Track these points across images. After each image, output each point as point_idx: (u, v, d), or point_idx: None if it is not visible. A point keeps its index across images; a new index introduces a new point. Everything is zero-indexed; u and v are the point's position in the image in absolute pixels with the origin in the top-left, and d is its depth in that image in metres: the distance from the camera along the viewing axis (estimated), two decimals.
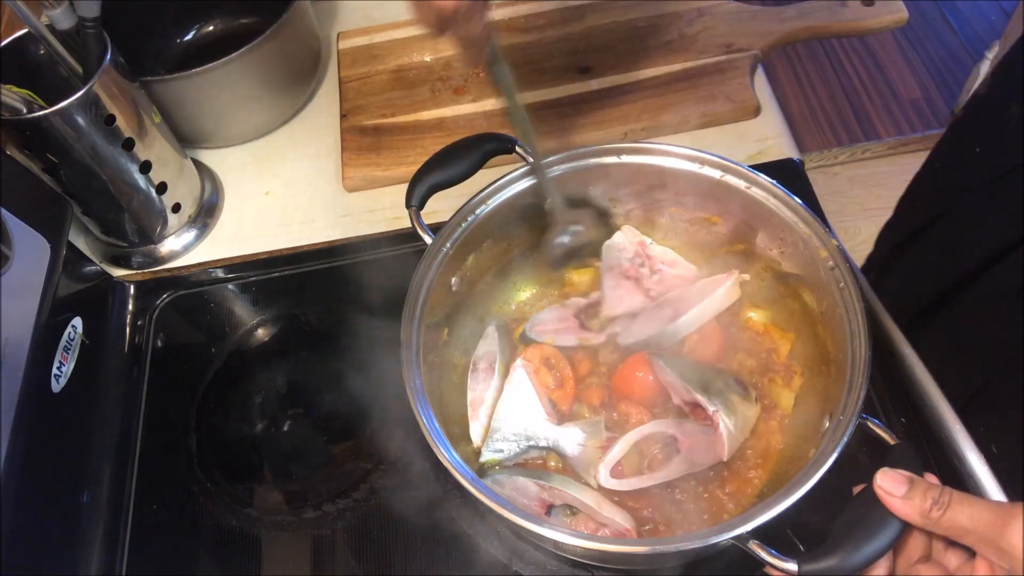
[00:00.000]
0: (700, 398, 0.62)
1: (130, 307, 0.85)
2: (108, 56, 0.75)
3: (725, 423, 0.61)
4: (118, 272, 0.88)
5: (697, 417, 0.65)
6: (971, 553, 0.47)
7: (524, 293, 0.78)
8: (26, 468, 0.62)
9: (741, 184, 0.67)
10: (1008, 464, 0.60)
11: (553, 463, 0.67)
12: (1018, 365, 0.62)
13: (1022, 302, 0.61)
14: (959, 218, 0.70)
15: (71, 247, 0.77)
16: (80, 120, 0.73)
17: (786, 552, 0.49)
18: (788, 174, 0.84)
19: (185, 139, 0.91)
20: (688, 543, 0.51)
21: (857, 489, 0.51)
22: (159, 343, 0.83)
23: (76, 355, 0.73)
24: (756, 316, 0.71)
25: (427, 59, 0.99)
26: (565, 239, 0.71)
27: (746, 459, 0.64)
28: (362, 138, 0.94)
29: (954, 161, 0.73)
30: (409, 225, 0.68)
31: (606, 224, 0.74)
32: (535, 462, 0.67)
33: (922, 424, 0.66)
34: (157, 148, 0.83)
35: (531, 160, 0.69)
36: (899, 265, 0.75)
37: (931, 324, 0.71)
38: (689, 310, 0.68)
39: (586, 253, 0.74)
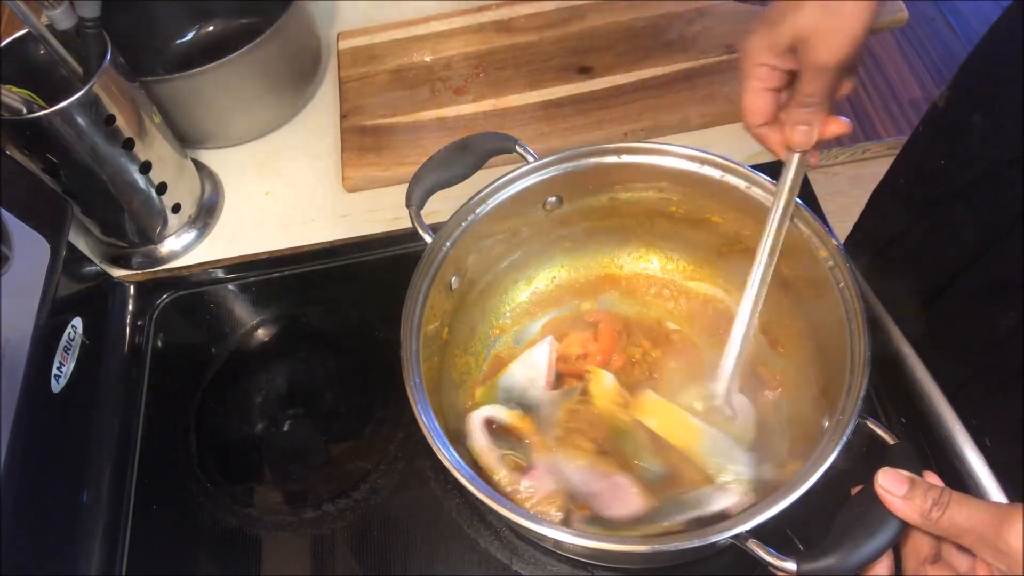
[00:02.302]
0: None
1: (130, 307, 0.85)
2: (108, 56, 0.75)
3: None
4: (118, 272, 0.88)
5: None
6: None
7: (524, 293, 0.78)
8: (26, 468, 0.62)
9: (741, 184, 0.67)
10: (1001, 456, 0.61)
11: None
12: (997, 359, 0.62)
13: (996, 301, 0.62)
14: (928, 229, 0.70)
15: (71, 247, 0.77)
16: (80, 120, 0.73)
17: (785, 551, 0.49)
18: None
19: (185, 139, 0.91)
20: (687, 542, 0.51)
21: (855, 491, 0.51)
22: (159, 343, 0.83)
23: (76, 355, 0.73)
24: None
25: (427, 59, 1.00)
26: None
27: None
28: (362, 138, 0.94)
29: (919, 175, 0.73)
30: (409, 225, 0.68)
31: None
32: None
33: (922, 424, 0.66)
34: (157, 148, 0.83)
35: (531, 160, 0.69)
36: (874, 277, 0.75)
37: (913, 330, 0.71)
38: None
39: None
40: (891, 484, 0.48)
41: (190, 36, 1.05)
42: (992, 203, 0.62)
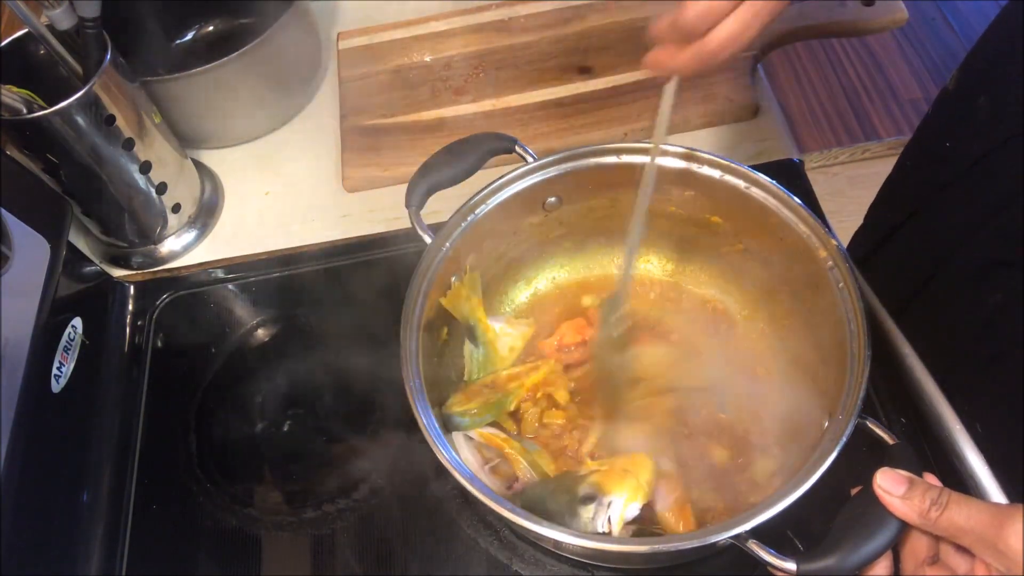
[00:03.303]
0: None
1: (130, 307, 0.85)
2: (108, 56, 0.75)
3: None
4: (118, 272, 0.88)
5: None
6: None
7: (524, 293, 0.78)
8: (26, 468, 0.62)
9: (741, 184, 0.67)
10: (992, 441, 0.61)
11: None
12: (986, 339, 0.62)
13: (985, 280, 0.62)
14: (933, 212, 0.70)
15: (71, 247, 0.77)
16: (80, 120, 0.73)
17: (785, 552, 0.49)
18: (788, 174, 0.84)
19: (185, 139, 0.91)
20: (687, 543, 0.51)
21: (855, 491, 0.51)
22: (159, 343, 0.83)
23: (76, 355, 0.73)
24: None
25: (427, 59, 1.00)
26: None
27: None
28: (362, 138, 0.94)
29: (925, 158, 0.74)
30: (409, 225, 0.68)
31: None
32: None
33: (922, 424, 0.66)
34: (157, 148, 0.83)
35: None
36: (874, 264, 0.75)
37: (909, 312, 0.71)
38: None
39: None
40: (890, 484, 0.48)
41: (190, 36, 1.05)
42: (988, 183, 0.62)
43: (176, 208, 0.87)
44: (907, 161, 0.79)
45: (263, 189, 0.94)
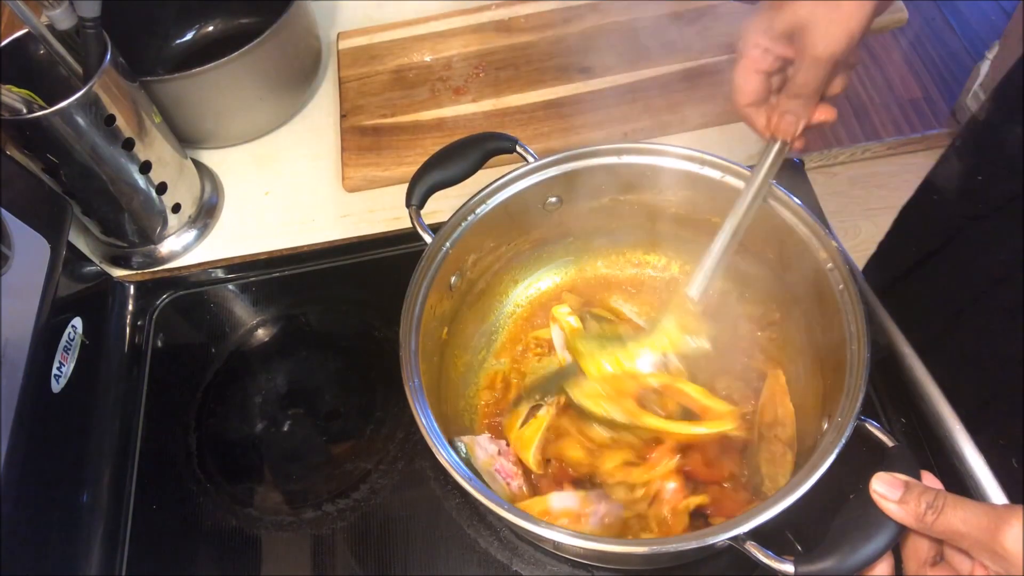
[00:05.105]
0: None
1: (130, 307, 0.85)
2: (108, 56, 0.75)
3: None
4: (118, 272, 0.88)
5: None
6: None
7: (524, 293, 0.78)
8: (26, 468, 0.62)
9: (741, 184, 0.67)
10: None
11: None
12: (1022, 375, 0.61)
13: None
14: (965, 246, 0.68)
15: (71, 247, 0.77)
16: (80, 120, 0.73)
17: (783, 553, 0.49)
18: (788, 174, 0.84)
19: (185, 139, 0.91)
20: (686, 543, 0.51)
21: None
22: (159, 343, 0.83)
23: (76, 355, 0.73)
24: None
25: (427, 59, 1.00)
26: None
27: None
28: (362, 138, 0.94)
29: (956, 190, 0.72)
30: (409, 225, 0.68)
31: None
32: None
33: (922, 425, 0.66)
34: (157, 148, 0.83)
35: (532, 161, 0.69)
36: (896, 295, 0.74)
37: (941, 343, 0.70)
38: None
39: None
40: (885, 488, 0.48)
41: (190, 36, 1.05)
42: None
43: (176, 208, 0.87)
44: (933, 194, 0.76)
45: (263, 189, 0.94)
